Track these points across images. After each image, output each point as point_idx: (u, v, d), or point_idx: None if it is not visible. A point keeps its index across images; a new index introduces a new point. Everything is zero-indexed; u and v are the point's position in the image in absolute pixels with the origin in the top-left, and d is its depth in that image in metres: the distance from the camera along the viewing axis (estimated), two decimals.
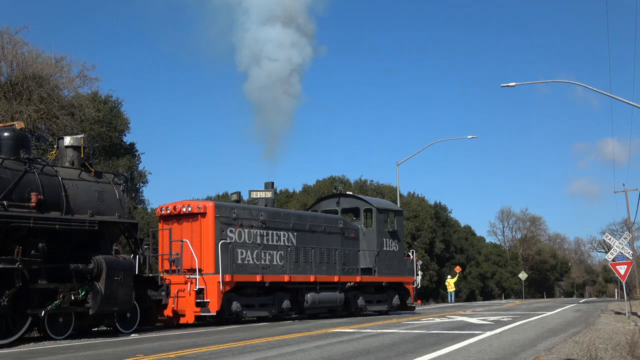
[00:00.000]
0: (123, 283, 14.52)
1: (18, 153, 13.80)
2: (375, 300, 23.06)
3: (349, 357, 9.26)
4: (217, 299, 17.39)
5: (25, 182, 13.49)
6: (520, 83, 27.12)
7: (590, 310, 27.01)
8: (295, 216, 20.90)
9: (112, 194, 15.45)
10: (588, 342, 10.99)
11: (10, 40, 26.95)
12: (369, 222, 23.08)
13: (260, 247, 19.01)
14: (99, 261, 14.16)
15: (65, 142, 15.38)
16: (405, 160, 38.54)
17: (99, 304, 13.98)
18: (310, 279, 20.35)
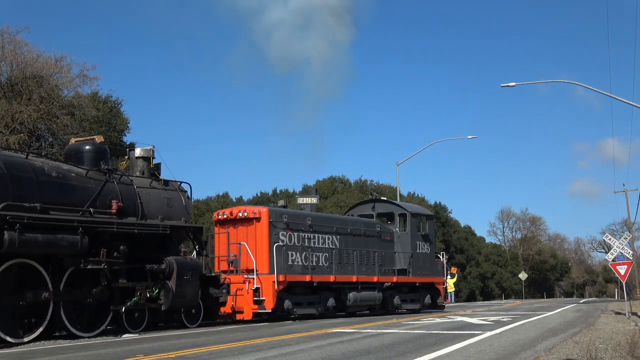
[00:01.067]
0: (191, 282, 16.13)
1: (98, 164, 15.21)
2: (409, 300, 24.57)
3: (349, 357, 9.26)
4: (272, 297, 18.87)
5: (106, 191, 14.94)
6: (520, 83, 27.18)
7: (590, 310, 27.01)
8: (337, 221, 22.70)
9: (179, 201, 16.98)
10: (588, 342, 10.99)
11: (11, 41, 26.98)
12: (403, 226, 24.48)
13: (307, 250, 20.57)
14: (170, 262, 15.75)
15: (136, 153, 16.88)
16: (405, 160, 38.58)
17: (170, 300, 15.59)
18: (352, 279, 21.85)
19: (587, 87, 26.89)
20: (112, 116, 31.44)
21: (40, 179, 13.61)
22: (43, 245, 13.01)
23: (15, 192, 12.94)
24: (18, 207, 12.82)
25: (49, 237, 13.07)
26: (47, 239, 13.04)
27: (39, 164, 13.92)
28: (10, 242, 12.32)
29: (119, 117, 32.28)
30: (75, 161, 15.11)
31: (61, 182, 14.07)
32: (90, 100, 29.28)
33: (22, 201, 13.00)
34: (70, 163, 14.97)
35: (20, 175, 13.26)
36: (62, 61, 28.68)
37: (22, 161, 13.69)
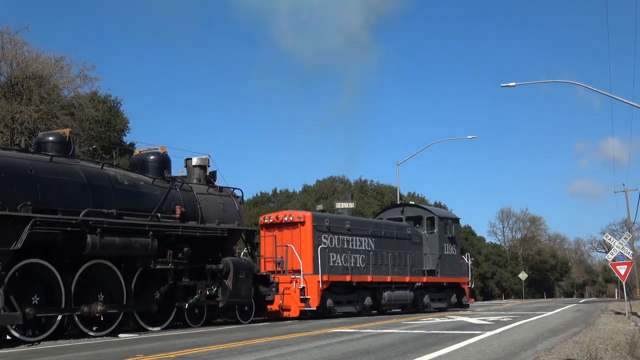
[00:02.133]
0: (245, 281, 17.52)
1: (162, 173, 16.67)
2: (437, 299, 26.06)
3: (349, 357, 9.26)
4: (317, 296, 20.28)
5: (170, 197, 16.34)
6: (520, 83, 27.16)
7: (590, 310, 27.02)
8: (373, 224, 24.26)
9: (232, 205, 18.35)
10: (588, 342, 10.99)
11: (11, 40, 26.95)
12: (431, 228, 25.93)
13: (347, 251, 22.01)
14: (227, 262, 17.16)
15: (193, 162, 18.16)
16: (405, 160, 38.53)
17: (227, 298, 17.03)
18: (387, 279, 23.33)
19: (587, 87, 26.88)
20: (111, 116, 31.41)
21: (114, 187, 15.03)
22: (120, 248, 14.36)
23: (94, 200, 14.34)
24: (97, 213, 14.19)
25: (124, 240, 14.42)
26: (123, 242, 14.39)
27: (112, 173, 15.38)
28: (92, 244, 13.63)
29: (119, 117, 32.26)
30: (141, 170, 16.56)
31: (132, 189, 15.50)
32: (90, 100, 29.26)
33: (100, 207, 14.38)
34: (136, 172, 16.39)
35: (98, 184, 14.67)
36: (62, 61, 28.67)
37: (99, 171, 15.08)
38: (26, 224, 12.59)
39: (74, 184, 14.12)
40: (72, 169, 14.34)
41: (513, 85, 26.17)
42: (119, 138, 32.04)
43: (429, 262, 25.48)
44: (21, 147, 14.33)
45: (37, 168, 13.54)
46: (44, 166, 13.77)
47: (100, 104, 30.77)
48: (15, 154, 13.73)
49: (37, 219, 12.73)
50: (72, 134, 15.59)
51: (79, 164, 14.83)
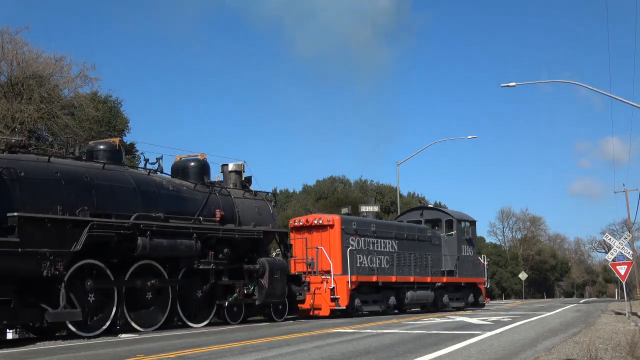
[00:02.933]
0: (280, 280, 18.43)
1: (202, 178, 17.66)
2: (455, 298, 27.10)
3: (349, 357, 9.26)
4: (346, 296, 21.34)
5: (210, 202, 17.28)
6: (520, 83, 27.18)
7: (590, 310, 27.02)
8: (396, 227, 25.32)
9: (267, 209, 19.28)
10: (588, 342, 10.98)
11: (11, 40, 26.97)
12: (450, 230, 27.08)
13: (373, 253, 23.11)
14: (263, 263, 18.08)
15: (229, 168, 19.19)
16: (405, 160, 38.52)
17: (263, 296, 17.97)
18: (410, 280, 24.39)
19: (587, 87, 26.89)
20: (111, 116, 31.40)
21: (160, 192, 16.03)
22: (167, 249, 15.37)
23: (143, 204, 15.31)
24: (146, 216, 15.16)
25: (171, 242, 15.46)
26: (170, 244, 15.42)
27: (158, 179, 16.40)
28: (142, 246, 14.62)
29: (119, 117, 32.25)
30: (182, 176, 17.58)
31: (176, 194, 16.53)
32: (90, 100, 29.26)
33: (149, 211, 15.34)
34: (177, 177, 17.44)
35: (146, 189, 15.66)
36: (62, 61, 28.68)
37: (146, 177, 16.11)
38: (84, 227, 13.58)
39: (124, 189, 15.12)
40: (122, 176, 15.39)
41: (513, 85, 26.18)
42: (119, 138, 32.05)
43: (448, 263, 26.52)
44: (75, 156, 15.19)
45: (92, 175, 14.50)
46: (98, 173, 14.74)
47: (101, 104, 30.77)
48: (71, 161, 14.58)
49: (95, 223, 13.75)
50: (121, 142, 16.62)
51: (128, 170, 15.98)
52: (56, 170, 13.75)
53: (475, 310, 26.32)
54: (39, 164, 13.64)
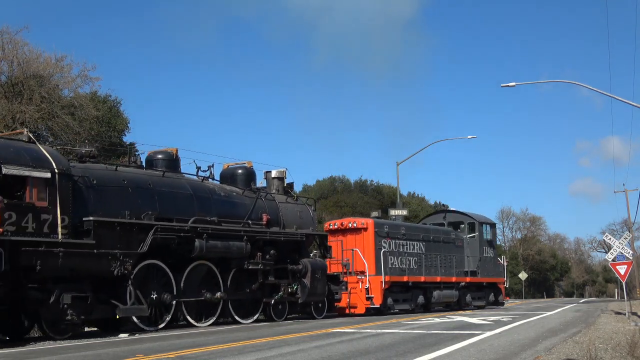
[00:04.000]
0: (320, 280, 19.64)
1: (249, 185, 19.08)
2: (477, 297, 28.63)
3: (349, 357, 9.25)
4: (380, 295, 22.79)
5: (257, 206, 18.56)
6: (520, 83, 27.09)
7: (590, 310, 27.01)
8: (423, 230, 26.68)
9: (307, 213, 20.62)
10: (588, 342, 10.98)
11: (11, 40, 26.96)
12: (472, 233, 28.60)
13: (403, 254, 24.53)
14: (305, 263, 19.28)
15: (272, 175, 20.46)
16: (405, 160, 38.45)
17: (306, 295, 19.16)
18: (437, 279, 25.83)
19: (586, 87, 26.83)
20: (111, 116, 31.39)
21: (213, 198, 17.33)
22: (221, 250, 16.56)
23: (199, 209, 16.58)
24: (202, 220, 16.42)
25: (224, 243, 16.65)
26: (223, 245, 16.60)
27: (211, 186, 17.82)
28: (200, 248, 15.88)
29: (119, 117, 32.24)
30: (230, 182, 18.88)
31: (227, 199, 17.81)
32: (90, 100, 29.25)
33: (204, 216, 16.61)
34: (226, 183, 18.74)
35: (201, 195, 16.96)
36: (63, 61, 28.67)
37: (201, 184, 17.49)
38: (149, 230, 14.93)
39: (183, 195, 16.45)
40: (180, 182, 16.77)
41: (513, 85, 26.12)
42: (119, 138, 32.03)
43: (470, 264, 27.99)
44: (137, 164, 16.49)
45: (154, 182, 15.88)
46: (159, 180, 16.12)
47: (101, 103, 30.76)
48: (135, 170, 15.97)
49: (159, 226, 15.12)
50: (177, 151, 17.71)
51: (184, 177, 17.28)
52: (123, 178, 15.17)
53: (475, 310, 26.36)
54: (108, 173, 15.07)
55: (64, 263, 13.06)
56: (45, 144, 27.12)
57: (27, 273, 12.71)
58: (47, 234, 12.87)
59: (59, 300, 13.06)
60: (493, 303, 29.75)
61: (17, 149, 13.10)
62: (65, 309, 13.12)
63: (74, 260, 13.29)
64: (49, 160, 13.29)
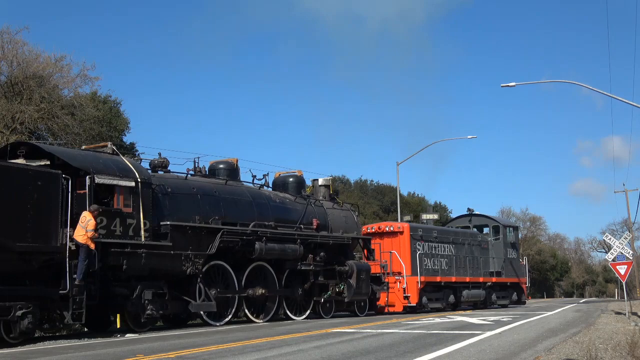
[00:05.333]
0: (365, 280, 21.01)
1: (299, 192, 20.71)
2: (501, 296, 30.40)
3: (349, 357, 9.25)
4: (416, 294, 24.59)
5: (308, 212, 20.12)
6: (520, 83, 27.05)
7: (590, 310, 27.01)
8: (453, 233, 28.52)
9: (352, 218, 22.22)
10: (588, 342, 10.99)
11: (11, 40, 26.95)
12: (496, 235, 30.49)
13: (435, 256, 26.25)
14: (351, 265, 20.68)
15: (319, 182, 22.10)
16: (405, 160, 38.45)
17: (352, 294, 20.54)
18: (466, 280, 27.66)
19: (586, 86, 26.80)
20: (112, 116, 31.37)
21: (270, 204, 18.84)
22: (277, 252, 18.04)
23: (258, 214, 18.10)
24: (261, 224, 17.94)
25: (281, 246, 18.16)
26: (280, 248, 18.11)
27: (267, 193, 19.36)
28: (259, 250, 17.36)
29: (119, 117, 32.22)
30: (282, 189, 20.44)
31: (282, 205, 19.36)
32: (90, 100, 29.23)
33: (262, 220, 18.10)
34: (278, 190, 20.24)
35: (260, 201, 18.50)
36: (62, 61, 28.63)
37: (258, 191, 19.02)
38: (216, 233, 16.41)
39: (243, 202, 17.95)
40: (241, 190, 18.35)
41: (513, 85, 26.10)
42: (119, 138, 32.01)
43: (495, 265, 29.73)
44: (202, 173, 17.94)
45: (219, 190, 17.43)
46: (223, 188, 17.68)
47: (101, 103, 30.74)
48: (201, 178, 17.55)
49: (225, 230, 16.62)
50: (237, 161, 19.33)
51: (244, 185, 18.88)
52: (193, 186, 16.76)
53: (475, 310, 26.35)
54: (180, 181, 16.67)
55: (145, 263, 14.62)
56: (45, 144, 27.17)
57: (114, 272, 14.22)
58: (131, 237, 14.41)
59: (140, 296, 14.56)
60: (516, 302, 31.36)
61: (105, 161, 14.64)
62: (146, 304, 14.63)
63: (153, 260, 14.84)
64: (132, 171, 14.83)
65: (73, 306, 12.96)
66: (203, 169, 18.30)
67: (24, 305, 12.19)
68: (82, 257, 13.08)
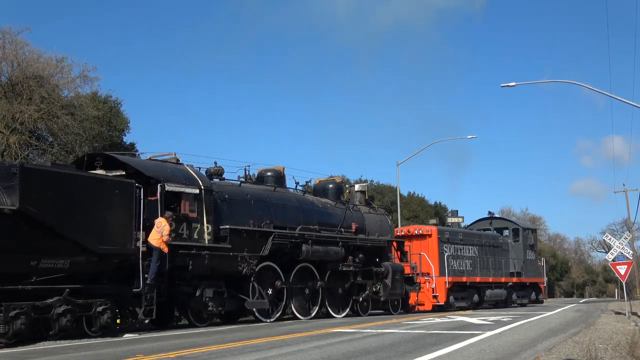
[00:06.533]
0: (399, 281, 22.29)
1: (339, 197, 22.03)
2: (520, 296, 32.10)
3: (349, 357, 9.25)
4: (444, 294, 26.38)
5: (347, 216, 21.49)
6: (520, 83, 27.04)
7: (590, 310, 27.01)
8: (476, 235, 30.29)
9: (386, 222, 23.66)
10: (588, 342, 10.99)
11: (12, 41, 26.93)
12: (516, 237, 32.17)
13: (461, 258, 27.96)
14: (387, 266, 21.97)
15: (355, 188, 23.67)
16: (405, 160, 38.46)
17: (387, 294, 21.79)
18: (489, 280, 29.44)
19: (586, 86, 26.80)
20: (112, 116, 31.34)
21: (314, 209, 20.27)
22: (322, 254, 19.34)
23: (304, 218, 19.52)
24: (306, 228, 19.34)
25: (325, 248, 19.43)
26: (324, 250, 19.39)
27: (310, 199, 20.78)
28: (306, 252, 18.67)
29: (119, 117, 32.18)
30: (322, 195, 21.72)
31: (324, 210, 20.75)
32: (91, 100, 29.20)
33: (308, 224, 19.51)
34: (319, 196, 21.51)
35: (305, 207, 19.91)
36: (63, 62, 28.58)
37: (303, 197, 20.52)
38: (268, 237, 17.74)
39: (291, 207, 19.33)
40: (288, 196, 19.77)
41: (513, 85, 26.09)
42: (119, 138, 31.98)
43: (515, 265, 31.30)
44: (252, 181, 19.25)
45: (269, 196, 18.76)
46: (272, 194, 18.99)
47: (101, 104, 30.71)
48: (252, 185, 18.93)
49: (276, 233, 17.93)
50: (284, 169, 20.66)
51: (290, 191, 20.29)
52: (246, 193, 18.12)
53: (475, 310, 26.35)
54: (235, 188, 18.01)
55: (208, 263, 15.99)
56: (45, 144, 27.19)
57: (180, 271, 15.58)
58: (196, 240, 15.81)
59: (202, 295, 15.94)
60: (534, 301, 33.21)
61: (172, 170, 16.08)
62: (207, 301, 16.05)
63: (215, 261, 16.19)
64: (196, 179, 16.24)
65: (145, 303, 14.47)
66: (253, 177, 19.66)
67: (103, 302, 13.64)
68: (155, 259, 14.52)
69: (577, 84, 27.24)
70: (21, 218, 12.12)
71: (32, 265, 12.45)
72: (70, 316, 12.90)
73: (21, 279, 12.45)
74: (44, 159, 26.61)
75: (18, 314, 11.99)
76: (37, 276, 12.59)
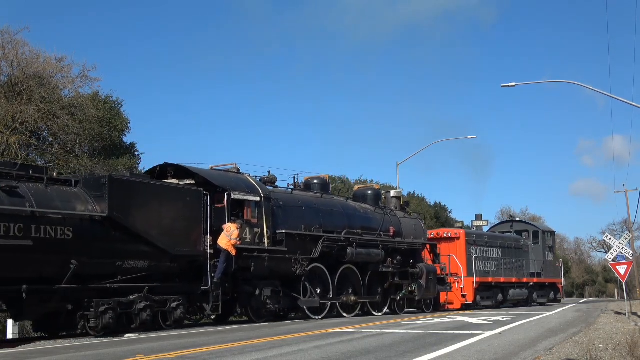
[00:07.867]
0: (433, 281, 23.58)
1: (377, 203, 23.25)
2: (540, 295, 33.87)
3: (348, 357, 9.26)
4: (472, 293, 28.03)
5: (385, 221, 22.66)
6: (520, 83, 27.03)
7: (590, 310, 27.00)
8: (500, 238, 31.93)
9: (419, 226, 24.95)
10: (588, 342, 11.00)
11: (12, 41, 26.94)
12: (535, 240, 33.84)
13: (486, 259, 29.61)
14: (421, 267, 23.26)
15: (391, 194, 25.08)
16: (405, 160, 38.47)
17: (422, 293, 23.12)
18: (512, 280, 31.18)
19: (586, 86, 26.77)
20: (112, 116, 31.36)
21: (356, 214, 21.50)
22: (364, 256, 20.55)
23: (348, 223, 20.74)
24: (351, 232, 20.46)
25: (367, 251, 20.68)
26: (366, 252, 20.63)
27: (353, 204, 22.08)
28: (351, 254, 19.94)
29: (119, 117, 32.20)
30: (361, 201, 22.90)
31: (365, 215, 21.94)
32: (91, 101, 29.22)
33: (351, 228, 20.66)
34: (358, 202, 22.67)
35: (349, 212, 21.23)
36: (63, 61, 28.62)
37: (346, 203, 21.88)
38: (318, 240, 19.06)
39: (337, 212, 20.62)
40: (333, 202, 21.10)
41: (513, 85, 26.09)
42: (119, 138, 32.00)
43: (535, 266, 33.02)
44: (301, 188, 20.60)
45: (317, 203, 20.10)
46: (320, 201, 20.35)
47: (101, 104, 30.73)
48: (302, 192, 20.28)
49: (325, 237, 19.26)
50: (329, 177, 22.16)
51: (335, 198, 21.74)
52: (298, 200, 19.43)
53: (475, 310, 26.37)
54: (288, 195, 19.29)
55: (267, 265, 17.37)
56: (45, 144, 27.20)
57: (242, 272, 16.88)
58: (257, 243, 17.17)
59: (261, 294, 17.33)
60: (552, 300, 35.06)
61: (235, 179, 17.52)
62: (266, 300, 17.44)
63: (273, 263, 17.52)
64: (257, 187, 17.65)
65: (212, 300, 16.03)
66: (302, 184, 21.00)
67: (177, 299, 15.24)
68: (222, 260, 15.96)
69: (577, 84, 27.23)
70: (110, 224, 13.78)
71: (118, 265, 14.07)
72: (149, 311, 14.42)
73: (108, 278, 13.91)
74: (44, 159, 26.64)
75: (107, 309, 13.54)
76: (122, 275, 14.12)
